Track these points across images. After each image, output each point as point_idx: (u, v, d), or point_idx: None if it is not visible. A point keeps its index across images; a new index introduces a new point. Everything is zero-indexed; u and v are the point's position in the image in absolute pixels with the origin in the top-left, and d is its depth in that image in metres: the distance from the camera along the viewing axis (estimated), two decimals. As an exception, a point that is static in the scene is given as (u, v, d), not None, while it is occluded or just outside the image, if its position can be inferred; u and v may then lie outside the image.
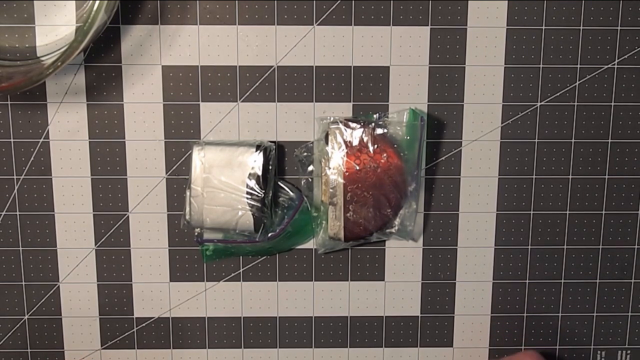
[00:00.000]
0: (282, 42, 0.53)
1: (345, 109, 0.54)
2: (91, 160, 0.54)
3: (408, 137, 0.52)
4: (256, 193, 0.51)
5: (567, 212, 0.56)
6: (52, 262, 0.55)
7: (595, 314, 0.57)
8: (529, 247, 0.56)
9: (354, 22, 0.53)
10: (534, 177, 0.55)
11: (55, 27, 0.52)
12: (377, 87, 0.54)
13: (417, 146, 0.52)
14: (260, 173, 0.51)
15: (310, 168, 0.54)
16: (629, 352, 0.58)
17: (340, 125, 0.52)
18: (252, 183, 0.51)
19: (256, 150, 0.51)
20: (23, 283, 0.56)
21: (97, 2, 0.45)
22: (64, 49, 0.46)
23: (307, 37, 0.53)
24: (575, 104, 0.54)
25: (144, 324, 0.57)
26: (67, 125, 0.54)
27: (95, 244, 0.55)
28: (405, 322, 0.57)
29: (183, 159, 0.54)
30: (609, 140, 0.55)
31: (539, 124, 0.55)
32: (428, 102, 0.54)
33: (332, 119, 0.52)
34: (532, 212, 0.56)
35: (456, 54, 0.54)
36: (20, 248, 0.55)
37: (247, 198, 0.51)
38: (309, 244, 0.56)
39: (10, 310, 0.56)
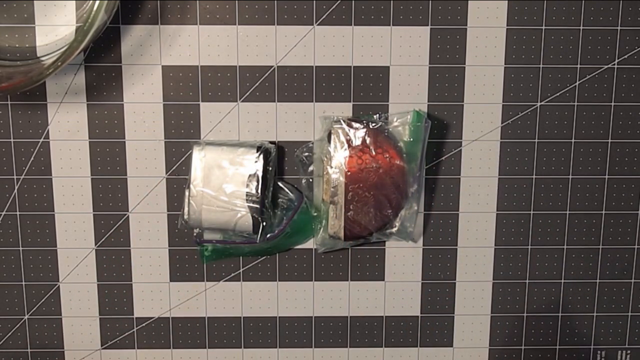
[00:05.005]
0: (282, 42, 0.53)
1: (345, 109, 0.54)
2: (91, 160, 0.54)
3: (411, 139, 0.52)
4: (256, 195, 0.51)
5: (567, 212, 0.56)
6: (52, 262, 0.55)
7: (595, 314, 0.57)
8: (529, 247, 0.56)
9: (354, 22, 0.53)
10: (534, 177, 0.55)
11: (55, 27, 0.52)
12: (377, 87, 0.54)
13: (420, 148, 0.52)
14: (260, 175, 0.51)
15: (311, 168, 0.54)
16: (629, 352, 0.58)
17: (344, 125, 0.52)
18: (252, 185, 0.51)
19: (257, 152, 0.51)
20: (23, 283, 0.56)
21: (97, 2, 0.45)
22: (64, 49, 0.46)
23: (307, 37, 0.53)
24: (575, 104, 0.54)
25: (144, 324, 0.57)
26: (67, 125, 0.54)
27: (95, 244, 0.55)
28: (405, 322, 0.57)
29: (183, 159, 0.54)
30: (609, 140, 0.55)
31: (539, 124, 0.55)
32: (428, 102, 0.54)
33: (335, 117, 0.52)
34: (532, 212, 0.56)
35: (456, 54, 0.54)
36: (20, 248, 0.55)
37: (247, 199, 0.51)
38: (309, 244, 0.56)
39: (10, 310, 0.56)
